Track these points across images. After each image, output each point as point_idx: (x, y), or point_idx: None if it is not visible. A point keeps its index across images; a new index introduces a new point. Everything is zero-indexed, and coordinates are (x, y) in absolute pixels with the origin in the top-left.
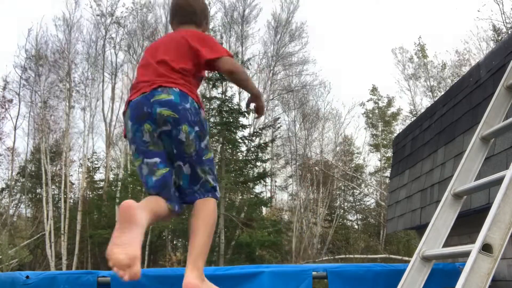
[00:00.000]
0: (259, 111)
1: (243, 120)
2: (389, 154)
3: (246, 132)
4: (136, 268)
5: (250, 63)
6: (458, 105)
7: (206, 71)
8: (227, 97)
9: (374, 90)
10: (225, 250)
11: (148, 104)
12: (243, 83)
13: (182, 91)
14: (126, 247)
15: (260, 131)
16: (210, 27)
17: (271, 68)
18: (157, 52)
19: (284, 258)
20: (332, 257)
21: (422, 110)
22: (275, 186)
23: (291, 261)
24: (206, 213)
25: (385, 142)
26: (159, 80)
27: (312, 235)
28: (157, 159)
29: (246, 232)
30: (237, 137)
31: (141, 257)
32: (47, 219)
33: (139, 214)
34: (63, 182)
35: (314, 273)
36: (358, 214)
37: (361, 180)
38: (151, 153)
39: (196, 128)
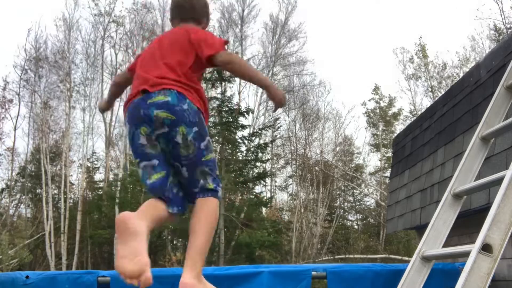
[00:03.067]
0: (276, 101)
1: (242, 120)
2: (389, 154)
3: (246, 132)
4: (147, 274)
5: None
6: (458, 105)
7: (207, 68)
8: (226, 97)
9: (376, 89)
10: (225, 250)
11: (145, 107)
12: (246, 73)
13: (180, 93)
14: (132, 257)
15: (260, 131)
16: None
17: (270, 68)
18: (161, 49)
19: (284, 258)
20: (332, 257)
21: (422, 110)
22: (275, 186)
23: (290, 261)
24: (206, 212)
25: (385, 142)
26: (158, 81)
27: (312, 235)
28: (154, 162)
29: (246, 232)
30: (237, 137)
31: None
32: (47, 219)
33: (136, 223)
34: (63, 182)
35: (313, 273)
36: (358, 214)
37: (361, 180)
38: (148, 156)
39: (195, 129)
